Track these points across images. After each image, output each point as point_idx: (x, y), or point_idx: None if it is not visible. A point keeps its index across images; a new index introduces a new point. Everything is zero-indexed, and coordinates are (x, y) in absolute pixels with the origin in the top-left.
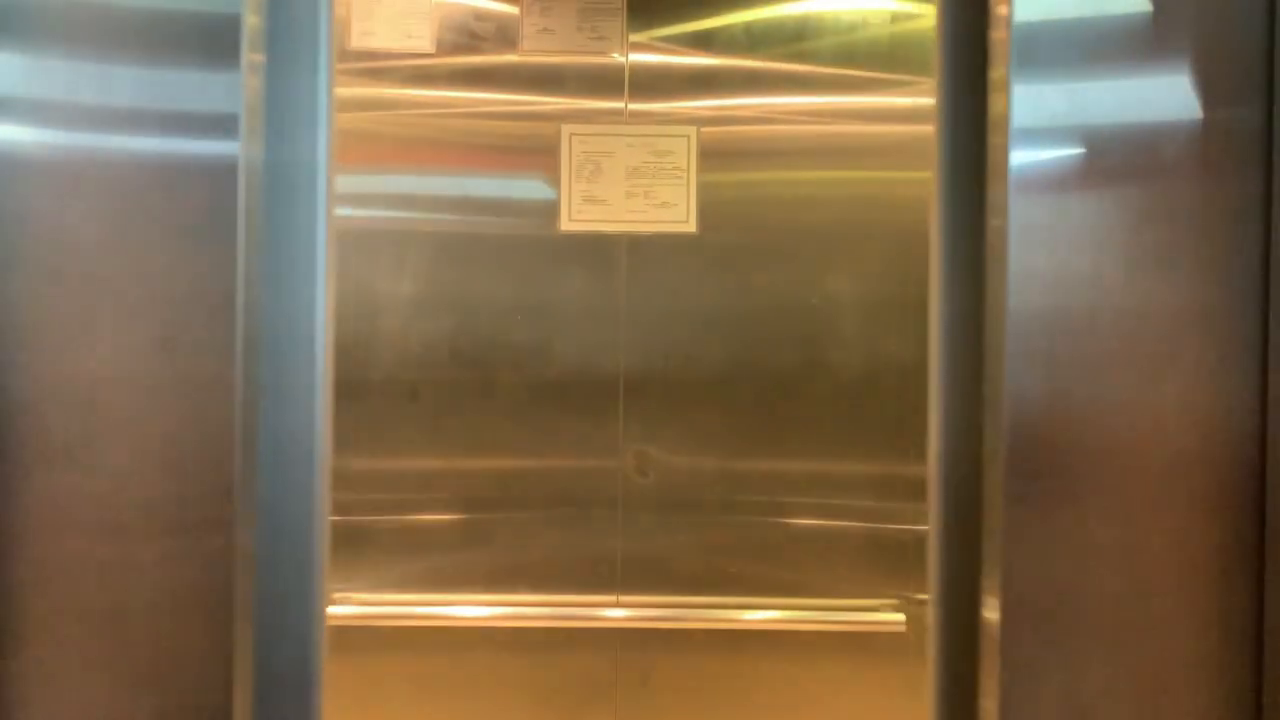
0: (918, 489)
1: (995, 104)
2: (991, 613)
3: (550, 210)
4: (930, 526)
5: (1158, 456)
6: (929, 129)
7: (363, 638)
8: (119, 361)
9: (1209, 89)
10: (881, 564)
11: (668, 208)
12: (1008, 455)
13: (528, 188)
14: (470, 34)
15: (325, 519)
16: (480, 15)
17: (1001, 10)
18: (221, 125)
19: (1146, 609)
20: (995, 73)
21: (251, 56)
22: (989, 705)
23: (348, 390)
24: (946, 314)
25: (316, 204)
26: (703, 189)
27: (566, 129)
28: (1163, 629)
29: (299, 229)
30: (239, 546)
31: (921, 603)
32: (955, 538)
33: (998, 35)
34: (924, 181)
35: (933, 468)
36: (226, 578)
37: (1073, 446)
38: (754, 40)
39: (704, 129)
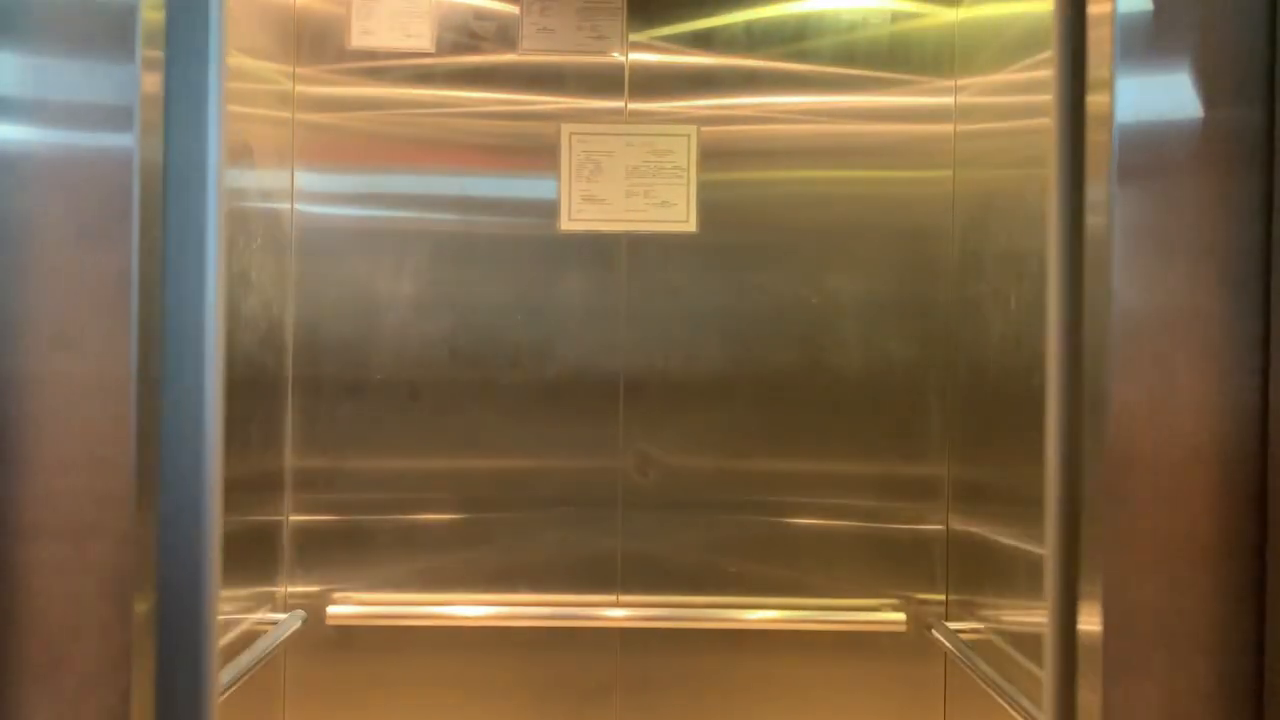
0: (918, 488)
1: (1097, 102)
2: (1092, 618)
3: (550, 209)
4: (1048, 534)
5: (1259, 457)
6: (931, 128)
7: (363, 637)
8: (13, 361)
9: None
10: (883, 563)
11: (668, 207)
12: (1110, 459)
13: (527, 187)
14: (470, 33)
15: (216, 520)
16: (480, 14)
17: (1105, 7)
18: (117, 119)
19: (1250, 608)
20: (1097, 71)
21: (149, 52)
22: (1091, 699)
23: (348, 389)
24: (1064, 318)
25: (207, 198)
26: (703, 188)
27: (566, 128)
28: (1261, 629)
29: (190, 224)
30: (138, 549)
31: (922, 602)
32: (1069, 545)
33: (1100, 32)
34: (925, 180)
35: (1051, 475)
36: (125, 582)
37: (1176, 449)
38: (754, 39)
39: (704, 128)
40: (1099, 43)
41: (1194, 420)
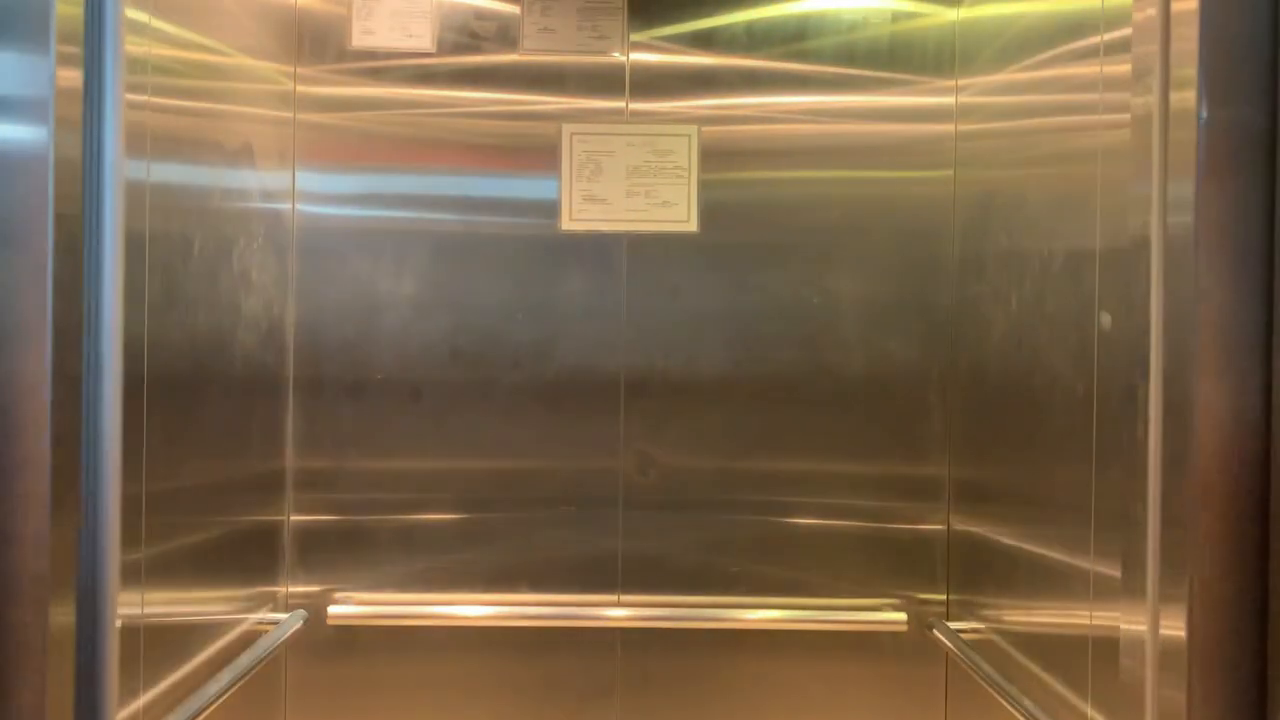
0: (919, 488)
1: (1181, 99)
2: (1176, 621)
3: (551, 209)
4: (1150, 540)
5: None
6: (931, 128)
7: (364, 637)
8: None
9: None
10: (884, 563)
11: (668, 207)
12: (1197, 465)
13: (528, 187)
14: (471, 33)
15: (115, 521)
16: (481, 14)
17: (1189, 5)
18: (32, 113)
19: None
20: (1181, 70)
21: (64, 47)
22: (1175, 696)
23: (348, 389)
24: (1167, 323)
25: (104, 194)
26: (703, 188)
27: (567, 128)
28: None
29: (89, 221)
30: (53, 550)
31: (923, 602)
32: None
33: (1184, 30)
34: (926, 180)
35: (1154, 479)
36: (41, 584)
37: (1257, 450)
38: (755, 39)
39: (705, 128)
40: (1182, 40)
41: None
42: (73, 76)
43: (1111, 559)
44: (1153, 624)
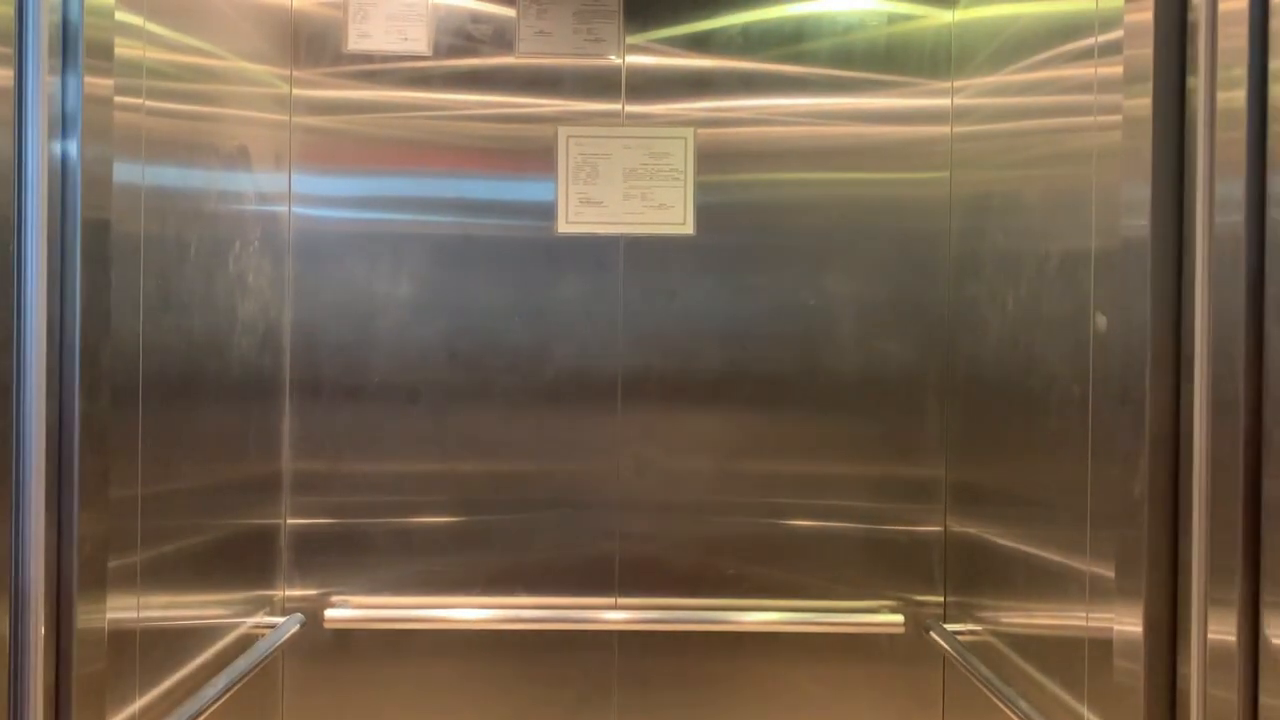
0: (916, 489)
1: (1233, 99)
2: (1224, 626)
3: (548, 212)
4: (1195, 545)
5: None
6: (927, 130)
7: (361, 641)
8: None
9: None
10: (881, 565)
11: (665, 209)
12: (1249, 469)
13: (525, 189)
14: (467, 36)
15: (40, 527)
16: (477, 18)
17: (1239, 4)
18: None
19: None
20: (1230, 71)
21: None
22: (1227, 697)
23: (346, 392)
24: (1210, 321)
25: (25, 193)
26: (700, 190)
27: (563, 131)
28: None
29: (20, 221)
30: None
31: (920, 604)
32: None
33: (1233, 30)
34: (922, 182)
35: (1200, 482)
36: None
37: None
38: (751, 42)
39: (701, 130)
40: (1232, 40)
41: None
42: (7, 75)
43: (1108, 560)
44: (1200, 626)
